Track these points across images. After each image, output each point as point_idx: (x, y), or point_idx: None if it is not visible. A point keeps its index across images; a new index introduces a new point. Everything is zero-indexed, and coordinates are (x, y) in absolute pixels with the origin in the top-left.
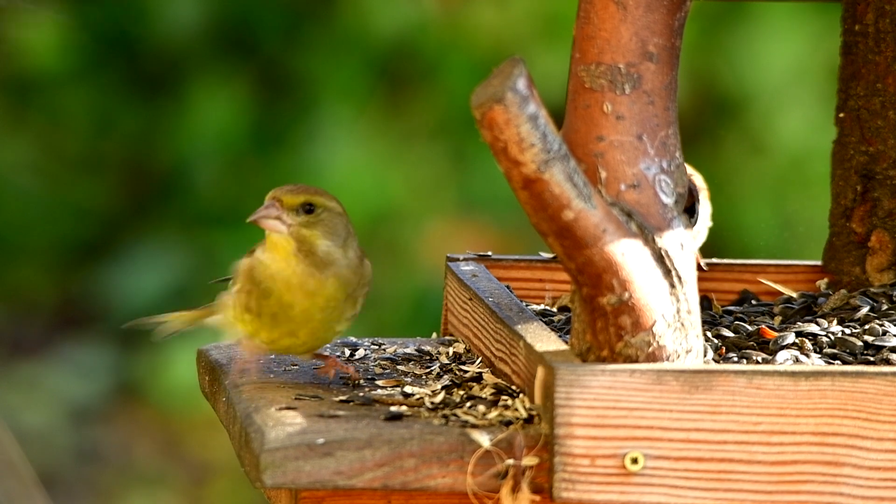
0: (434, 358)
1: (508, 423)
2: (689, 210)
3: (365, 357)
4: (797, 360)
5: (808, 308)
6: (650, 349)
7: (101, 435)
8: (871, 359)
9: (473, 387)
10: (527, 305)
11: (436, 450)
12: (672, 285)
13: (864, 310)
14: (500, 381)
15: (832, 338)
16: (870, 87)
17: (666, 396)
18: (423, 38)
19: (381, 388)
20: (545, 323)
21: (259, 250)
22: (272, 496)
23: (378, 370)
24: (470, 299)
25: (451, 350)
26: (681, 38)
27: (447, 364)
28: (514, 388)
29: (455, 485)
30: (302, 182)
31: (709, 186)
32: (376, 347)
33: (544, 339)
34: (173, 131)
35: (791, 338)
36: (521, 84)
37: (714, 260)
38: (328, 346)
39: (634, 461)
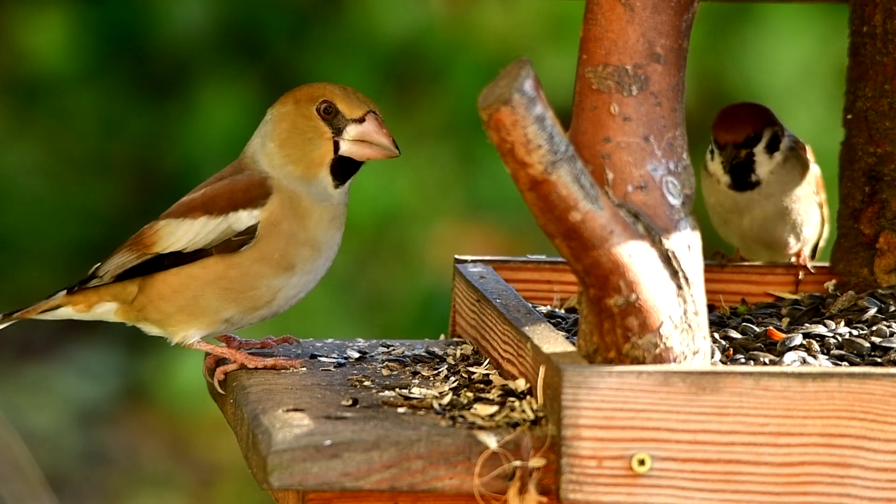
0: (442, 359)
1: (515, 425)
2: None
3: (373, 358)
4: (804, 362)
5: (816, 309)
6: (657, 351)
7: (108, 437)
8: (879, 360)
9: (481, 388)
10: (534, 307)
11: (443, 451)
12: (679, 287)
13: (872, 311)
14: (507, 382)
15: (840, 339)
16: (878, 89)
17: (673, 398)
18: (429, 40)
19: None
20: (553, 324)
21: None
22: (279, 498)
23: (386, 372)
24: (478, 301)
25: (458, 351)
26: (688, 39)
27: (455, 365)
28: (521, 389)
29: (462, 486)
30: None
31: None
32: (384, 349)
33: (552, 341)
34: (180, 133)
35: (798, 339)
36: (528, 85)
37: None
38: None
39: (641, 462)
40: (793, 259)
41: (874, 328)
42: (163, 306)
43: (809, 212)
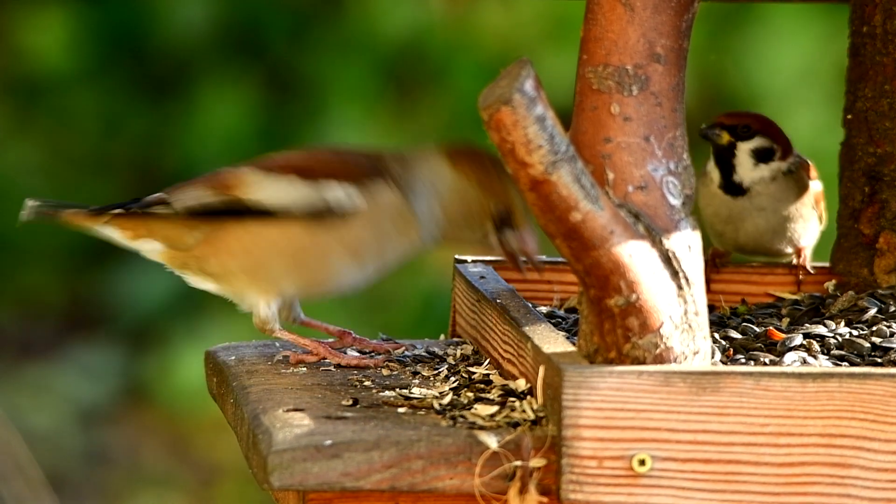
0: (442, 359)
1: (516, 425)
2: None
3: (373, 357)
4: (805, 362)
5: (816, 309)
6: (658, 351)
7: (109, 436)
8: (879, 360)
9: (481, 388)
10: (535, 307)
11: (443, 451)
12: (679, 287)
13: (872, 311)
14: (507, 382)
15: (840, 339)
16: (878, 89)
17: (673, 398)
18: (430, 40)
19: (390, 389)
20: (553, 325)
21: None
22: (280, 498)
23: (386, 372)
24: (478, 301)
25: (459, 351)
26: (688, 39)
27: (455, 365)
28: (521, 389)
29: (463, 486)
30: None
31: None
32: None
33: (552, 341)
34: (181, 133)
35: (799, 339)
36: (529, 85)
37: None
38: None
39: (642, 463)
40: (794, 259)
41: (874, 328)
42: (228, 262)
43: (806, 226)
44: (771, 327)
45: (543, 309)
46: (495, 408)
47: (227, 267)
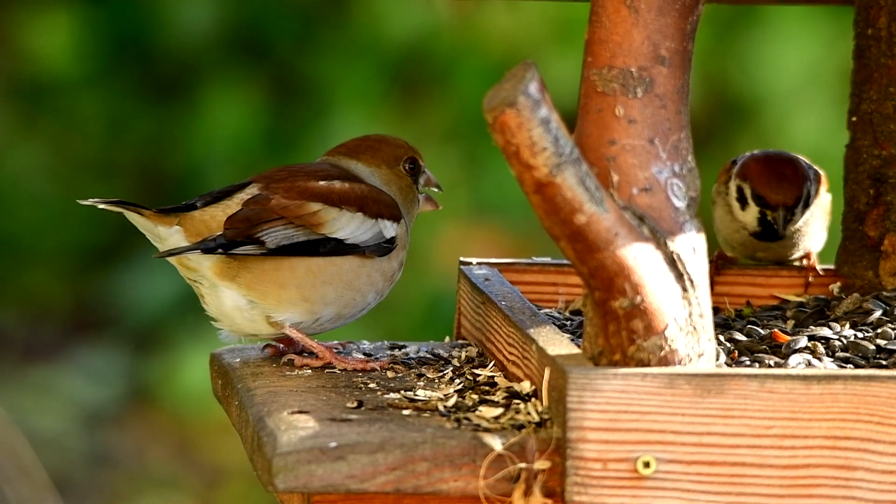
0: (447, 361)
1: (520, 427)
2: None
3: (378, 360)
4: (809, 364)
5: (821, 312)
6: (662, 353)
7: (114, 439)
8: (884, 362)
9: (486, 390)
10: (539, 309)
11: (448, 453)
12: (684, 289)
13: (877, 313)
14: (512, 384)
15: (845, 341)
16: (882, 91)
17: (678, 400)
18: (435, 43)
19: (394, 391)
20: (558, 326)
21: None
22: (285, 500)
23: (391, 374)
24: (483, 303)
25: (463, 354)
26: (693, 41)
27: (460, 367)
28: (526, 391)
29: (467, 488)
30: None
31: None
32: (390, 351)
33: (557, 343)
34: (187, 135)
35: (803, 341)
36: (533, 88)
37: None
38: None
39: (647, 465)
40: (804, 262)
41: (879, 330)
42: (285, 278)
43: (818, 235)
44: (776, 329)
45: (548, 311)
46: (500, 410)
47: (284, 283)
